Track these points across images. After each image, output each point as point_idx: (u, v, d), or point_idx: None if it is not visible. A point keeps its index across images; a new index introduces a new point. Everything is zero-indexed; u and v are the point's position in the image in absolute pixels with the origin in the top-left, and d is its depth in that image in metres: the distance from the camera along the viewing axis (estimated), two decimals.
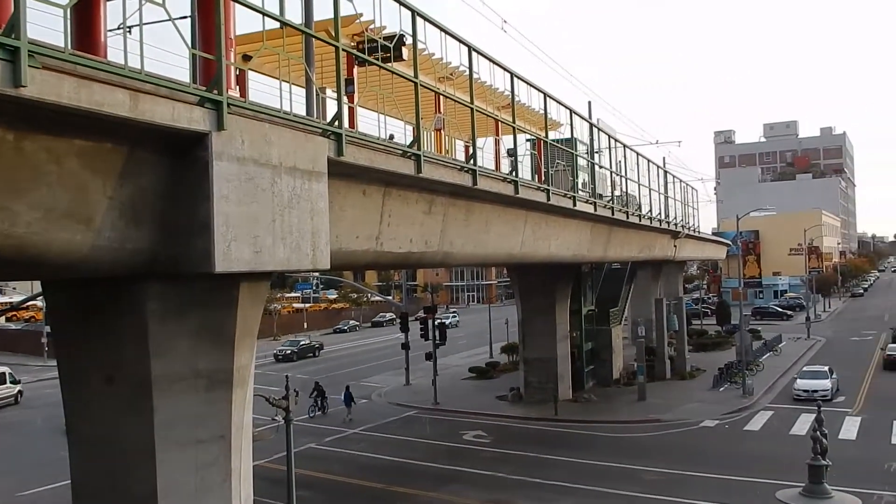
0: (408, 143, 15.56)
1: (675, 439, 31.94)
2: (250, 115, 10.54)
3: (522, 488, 25.46)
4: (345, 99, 13.93)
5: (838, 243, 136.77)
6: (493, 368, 49.70)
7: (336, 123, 12.68)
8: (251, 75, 15.98)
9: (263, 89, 16.99)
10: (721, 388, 41.76)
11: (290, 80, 12.90)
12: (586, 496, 24.63)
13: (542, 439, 32.37)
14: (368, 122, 18.04)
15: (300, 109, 13.28)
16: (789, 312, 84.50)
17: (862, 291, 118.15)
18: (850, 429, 32.39)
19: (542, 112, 23.25)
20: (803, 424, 31.80)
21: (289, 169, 11.24)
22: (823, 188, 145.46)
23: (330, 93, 14.09)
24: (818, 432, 9.93)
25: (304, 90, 14.29)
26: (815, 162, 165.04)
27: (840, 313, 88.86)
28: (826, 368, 40.16)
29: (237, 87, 12.15)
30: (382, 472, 28.03)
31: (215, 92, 9.66)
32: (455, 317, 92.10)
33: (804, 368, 42.18)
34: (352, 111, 15.50)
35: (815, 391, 36.86)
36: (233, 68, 11.55)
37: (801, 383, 38.55)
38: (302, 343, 66.65)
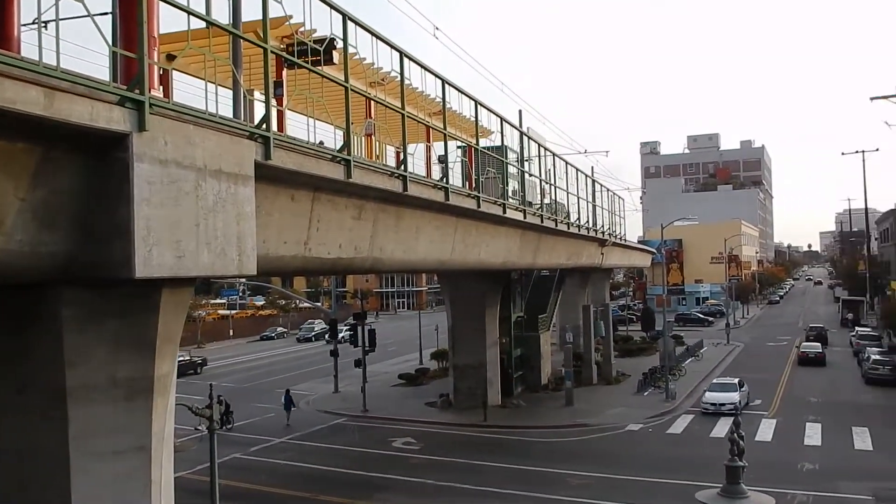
0: (338, 148, 15.43)
1: (601, 443, 32.48)
2: (174, 115, 10.26)
3: (451, 495, 25.48)
4: (273, 102, 13.72)
5: (756, 252, 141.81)
6: (423, 375, 49.66)
7: (264, 126, 12.46)
8: (176, 76, 15.58)
9: (189, 90, 16.59)
10: (645, 393, 42.72)
11: (216, 82, 12.64)
12: (515, 501, 24.78)
13: (472, 445, 32.46)
14: (298, 126, 17.83)
15: (227, 111, 13.02)
16: (710, 319, 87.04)
17: (778, 299, 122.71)
18: (766, 431, 33.56)
19: (473, 119, 23.40)
20: (722, 427, 32.74)
21: (214, 172, 10.97)
22: (743, 199, 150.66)
23: (258, 95, 13.84)
24: (735, 435, 10.23)
25: (231, 92, 14.02)
26: (735, 174, 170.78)
27: (758, 319, 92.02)
28: (736, 381, 39.40)
29: (160, 88, 11.79)
30: (310, 481, 27.61)
31: (136, 91, 9.36)
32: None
33: (714, 381, 41.43)
34: (280, 114, 15.27)
35: (723, 404, 36.39)
36: (156, 68, 11.21)
37: (710, 396, 37.84)
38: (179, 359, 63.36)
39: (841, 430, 33.15)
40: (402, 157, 18.41)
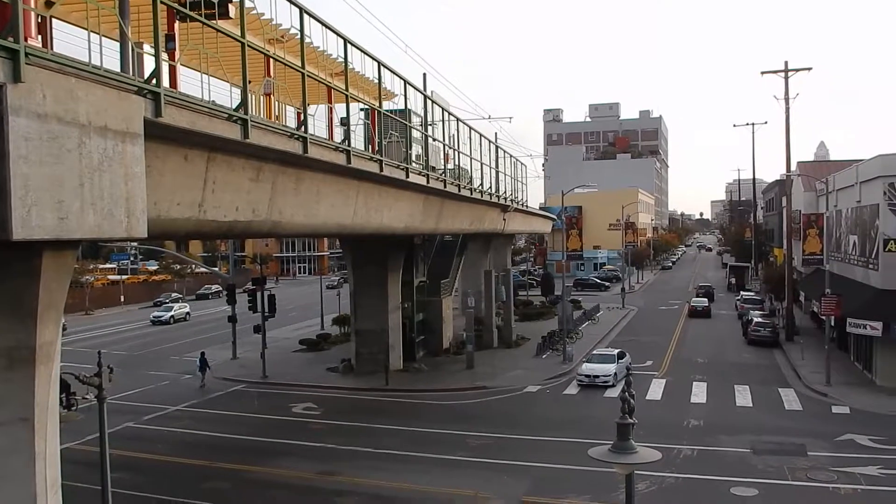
0: (234, 107, 14.91)
1: (501, 405, 33.20)
2: (54, 67, 9.64)
3: (353, 458, 25.54)
4: (165, 56, 13.10)
5: (652, 220, 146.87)
6: (325, 340, 49.34)
7: (154, 82, 11.90)
8: (58, 26, 14.62)
9: (72, 42, 15.62)
10: (544, 356, 43.85)
11: (101, 33, 11.92)
12: (416, 462, 25.09)
13: (373, 409, 32.58)
14: (192, 84, 17.07)
15: (115, 65, 12.34)
16: (607, 284, 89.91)
17: (671, 265, 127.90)
18: (656, 390, 35.10)
19: (377, 81, 23.07)
20: (615, 388, 34.03)
21: (99, 129, 10.42)
22: (641, 168, 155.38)
23: (148, 49, 13.15)
24: (626, 394, 10.55)
25: (118, 44, 13.28)
26: (633, 143, 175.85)
27: (651, 284, 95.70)
28: (615, 353, 38.51)
29: (38, 37, 11.03)
30: (208, 449, 27.12)
31: (10, 39, 8.73)
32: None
33: (594, 351, 40.56)
34: (173, 70, 14.58)
35: (598, 376, 35.64)
36: (32, 14, 10.46)
37: (586, 367, 36.78)
38: None
39: (724, 389, 35.02)
40: (302, 118, 18.00)
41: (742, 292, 70.13)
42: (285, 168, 17.83)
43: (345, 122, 21.54)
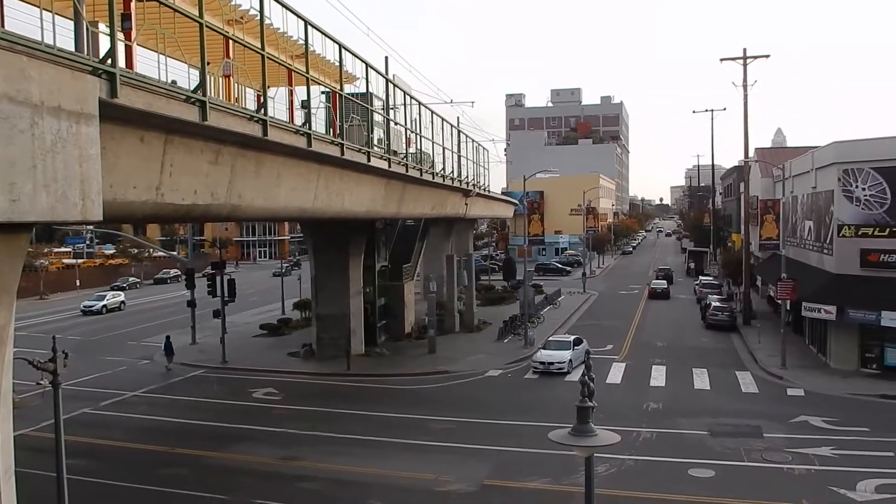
0: (192, 88, 14.62)
1: (463, 389, 33.34)
2: (4, 45, 9.33)
3: (315, 443, 25.46)
4: (121, 36, 12.78)
5: (613, 205, 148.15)
6: (285, 325, 49.00)
7: (109, 62, 11.59)
8: (9, 3, 14.16)
9: (25, 20, 15.15)
10: (505, 340, 44.10)
11: (55, 11, 11.56)
12: (378, 447, 25.10)
13: (335, 394, 32.49)
14: (149, 64, 16.67)
15: (69, 44, 12.00)
16: (568, 268, 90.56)
17: (631, 250, 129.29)
18: (616, 374, 35.54)
19: (338, 64, 22.83)
20: (576, 372, 34.38)
21: (53, 109, 10.13)
22: (602, 153, 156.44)
23: (104, 28, 12.82)
24: (587, 377, 10.63)
25: (72, 23, 12.91)
26: (595, 128, 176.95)
27: (612, 269, 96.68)
28: (571, 339, 37.95)
29: None
30: (167, 435, 26.81)
31: None
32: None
33: (550, 338, 39.77)
34: (129, 50, 14.22)
35: (552, 364, 35.22)
36: None
37: (541, 354, 36.30)
38: None
39: (683, 372, 35.59)
40: (262, 100, 17.73)
41: (701, 277, 71.24)
42: (245, 151, 17.57)
43: (305, 106, 21.31)
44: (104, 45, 12.64)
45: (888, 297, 32.59)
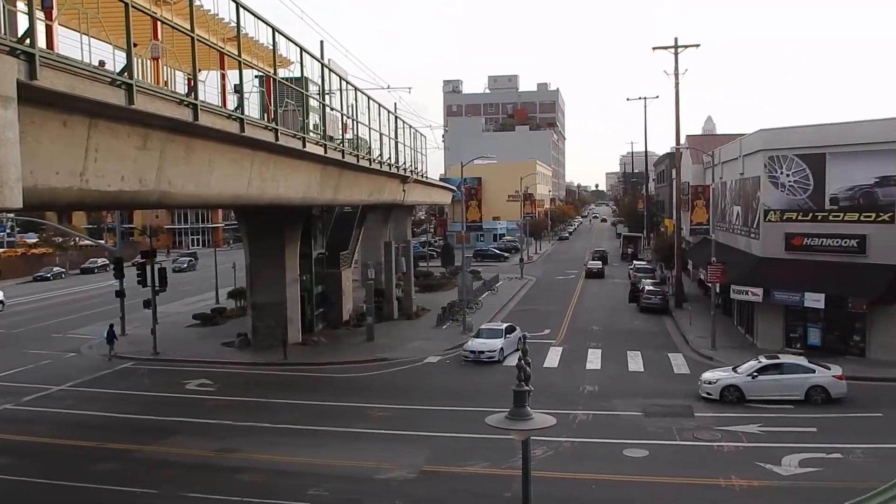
0: (118, 71, 14.11)
1: (402, 376, 33.29)
2: None
3: (251, 434, 25.08)
4: (41, 15, 12.24)
5: (549, 191, 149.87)
6: (220, 315, 48.06)
7: (28, 42, 11.07)
8: None
9: None
10: (444, 326, 44.20)
11: None
12: (317, 436, 24.89)
13: (271, 384, 32.05)
14: (72, 45, 16.02)
15: None
16: (506, 254, 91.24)
17: (568, 235, 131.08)
18: (553, 358, 35.97)
19: (271, 48, 22.37)
20: (514, 357, 34.67)
21: None
22: (539, 140, 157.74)
23: (22, 6, 12.23)
24: (523, 362, 10.68)
25: None
26: (532, 115, 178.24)
27: (549, 255, 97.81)
28: (503, 327, 37.52)
29: None
30: (95, 430, 26.00)
31: None
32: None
33: (483, 326, 39.05)
34: (50, 30, 13.62)
35: (482, 352, 34.83)
36: None
37: (472, 343, 35.72)
38: None
39: (618, 355, 36.25)
40: (192, 83, 17.24)
41: (635, 261, 72.65)
42: (175, 136, 17.07)
43: (238, 90, 20.81)
44: (23, 24, 12.05)
45: (811, 279, 33.77)
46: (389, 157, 38.71)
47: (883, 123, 33.40)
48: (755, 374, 27.85)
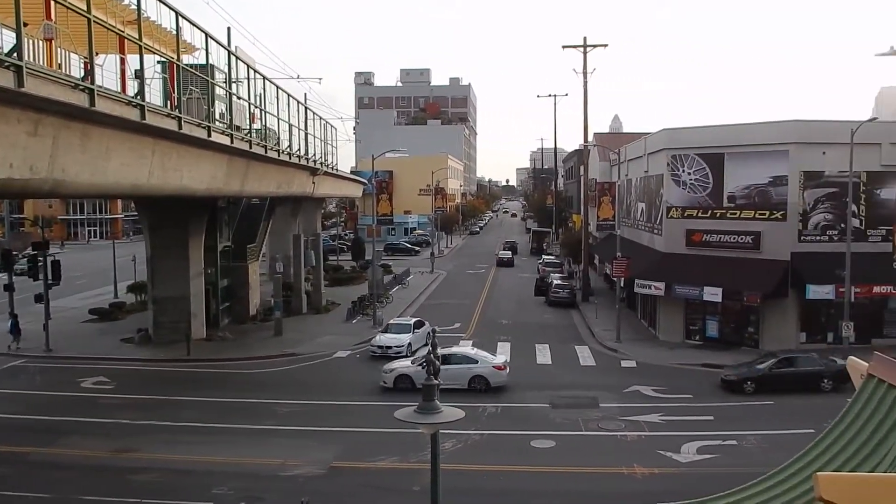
0: (7, 52, 13.27)
1: (310, 371, 32.81)
2: None
3: (151, 433, 24.19)
4: None
5: (461, 185, 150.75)
6: (118, 309, 46.15)
7: None
8: None
9: None
10: (354, 321, 43.80)
11: None
12: (222, 434, 24.23)
13: (174, 381, 31.04)
14: None
15: None
16: (417, 248, 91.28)
17: (478, 230, 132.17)
18: None
19: (175, 32, 21.56)
20: (423, 352, 34.65)
21: None
22: (450, 134, 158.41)
23: None
24: (432, 356, 10.64)
25: None
26: (444, 109, 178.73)
27: (460, 249, 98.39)
28: (412, 322, 37.26)
29: None
30: None
31: None
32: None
33: (391, 321, 38.92)
34: None
35: (390, 347, 34.53)
36: None
37: (380, 339, 35.43)
38: None
39: (526, 348, 36.76)
40: (89, 67, 16.40)
41: (544, 256, 73.91)
42: (70, 122, 16.20)
43: (139, 75, 19.95)
44: None
45: (709, 273, 35.11)
46: (299, 149, 38.04)
47: (776, 126, 35.03)
48: (423, 365, 28.68)
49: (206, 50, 24.28)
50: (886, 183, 33.60)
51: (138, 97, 18.86)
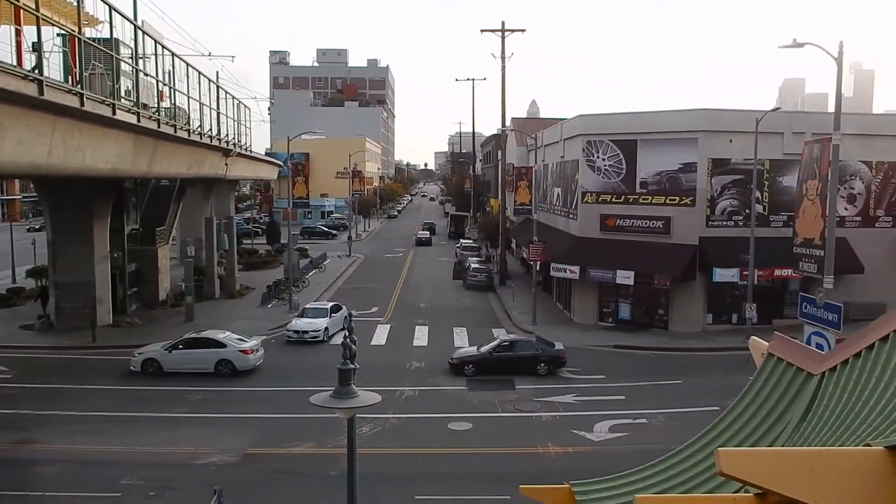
0: None
1: None
2: None
3: (55, 423, 23.20)
4: None
5: (379, 169, 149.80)
6: (17, 295, 43.96)
7: None
8: None
9: None
10: (269, 305, 43.05)
11: None
12: (131, 423, 23.45)
13: (78, 369, 29.83)
14: None
15: None
16: (334, 232, 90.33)
17: (397, 213, 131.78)
18: (380, 335, 36.05)
19: (76, 4, 20.50)
20: (341, 336, 34.33)
21: None
22: (368, 117, 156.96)
23: None
24: (348, 340, 10.53)
25: None
26: (361, 91, 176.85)
27: (378, 233, 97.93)
28: (329, 306, 36.92)
29: None
30: None
31: None
32: None
33: (307, 305, 38.30)
34: None
35: (306, 332, 34.21)
36: None
37: (296, 323, 34.98)
38: None
39: (444, 331, 36.92)
40: None
41: (462, 240, 74.28)
42: None
43: (37, 48, 18.90)
44: None
45: (622, 257, 35.98)
46: (211, 129, 36.93)
47: (687, 114, 36.05)
48: (170, 349, 29.34)
49: (111, 23, 23.18)
50: (788, 170, 35.05)
51: (36, 71, 17.86)
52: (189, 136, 32.42)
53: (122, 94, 24.74)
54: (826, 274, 22.67)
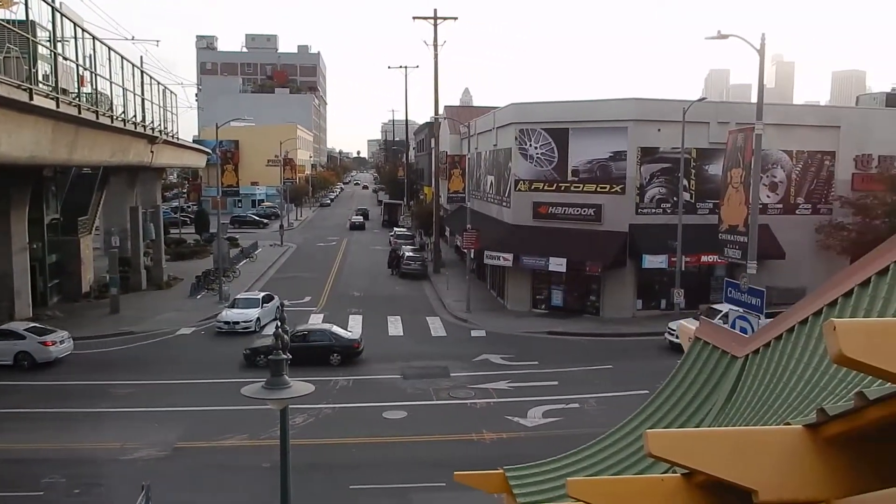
0: None
1: (150, 350, 31.29)
2: None
3: None
4: None
5: (310, 157, 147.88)
6: None
7: None
8: None
9: None
10: (199, 296, 42.14)
11: None
12: (53, 419, 22.66)
13: None
14: None
15: None
16: (265, 221, 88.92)
17: (329, 202, 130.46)
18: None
19: None
20: (272, 327, 33.86)
21: None
22: (299, 104, 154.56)
23: None
24: (280, 330, 10.39)
25: None
26: (292, 77, 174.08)
27: (310, 221, 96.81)
28: (260, 296, 36.37)
29: None
30: None
31: None
32: None
33: (238, 296, 37.63)
34: None
35: (237, 323, 33.64)
36: None
37: (226, 314, 34.36)
38: None
39: (378, 320, 36.78)
40: None
41: (395, 228, 74.03)
42: None
43: None
44: None
45: (554, 245, 36.41)
46: (135, 115, 35.84)
47: (617, 103, 36.63)
48: None
49: (26, 4, 22.24)
50: (713, 159, 35.99)
51: None
52: (112, 122, 31.40)
53: (41, 78, 23.77)
54: (749, 260, 23.37)
